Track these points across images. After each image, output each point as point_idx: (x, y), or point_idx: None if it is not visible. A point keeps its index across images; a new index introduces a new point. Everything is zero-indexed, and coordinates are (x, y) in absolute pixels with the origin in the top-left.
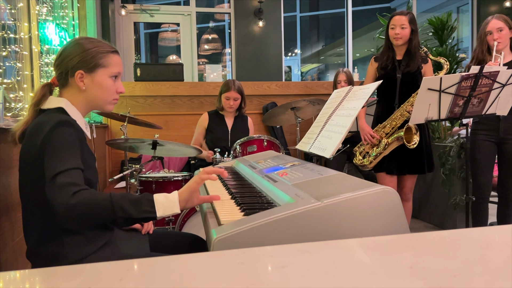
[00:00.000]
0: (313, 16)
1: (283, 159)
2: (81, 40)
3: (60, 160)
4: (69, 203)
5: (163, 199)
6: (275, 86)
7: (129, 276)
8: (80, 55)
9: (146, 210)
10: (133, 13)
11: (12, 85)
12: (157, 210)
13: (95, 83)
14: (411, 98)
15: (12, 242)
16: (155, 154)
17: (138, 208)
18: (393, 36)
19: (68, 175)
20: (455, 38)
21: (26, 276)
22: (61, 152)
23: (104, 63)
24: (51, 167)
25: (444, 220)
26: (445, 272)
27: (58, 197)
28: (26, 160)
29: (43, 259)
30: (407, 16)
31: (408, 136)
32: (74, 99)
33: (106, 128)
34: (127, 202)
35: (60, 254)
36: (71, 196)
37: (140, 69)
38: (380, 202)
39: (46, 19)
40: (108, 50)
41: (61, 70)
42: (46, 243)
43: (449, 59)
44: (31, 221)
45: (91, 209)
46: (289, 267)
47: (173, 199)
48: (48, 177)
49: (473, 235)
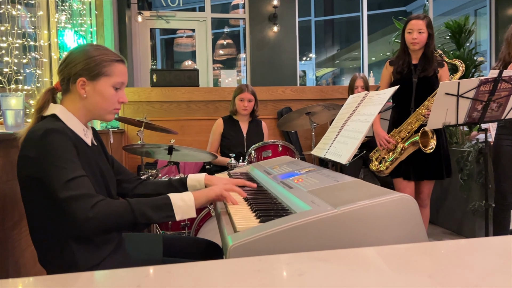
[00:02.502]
0: (328, 20)
1: (299, 165)
2: (87, 46)
3: (63, 171)
4: (89, 217)
5: (181, 203)
6: (289, 90)
7: (147, 283)
8: (83, 62)
9: (167, 215)
10: (149, 20)
11: (32, 91)
12: (176, 214)
13: (96, 91)
14: (426, 101)
15: (30, 247)
16: (171, 159)
17: (159, 213)
18: (410, 41)
19: (77, 186)
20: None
21: (43, 283)
22: (60, 162)
23: (108, 72)
24: (57, 180)
25: (462, 226)
26: (465, 282)
27: (76, 212)
28: (24, 172)
29: (55, 267)
30: (424, 21)
31: (425, 140)
32: (74, 106)
33: (123, 133)
34: (148, 208)
35: (71, 262)
36: (90, 210)
37: (157, 75)
38: (397, 210)
39: (65, 26)
40: (113, 59)
41: (64, 75)
42: (55, 252)
43: (467, 62)
44: (38, 231)
45: (113, 219)
46: (305, 275)
47: (190, 204)
48: (57, 191)
49: (494, 243)
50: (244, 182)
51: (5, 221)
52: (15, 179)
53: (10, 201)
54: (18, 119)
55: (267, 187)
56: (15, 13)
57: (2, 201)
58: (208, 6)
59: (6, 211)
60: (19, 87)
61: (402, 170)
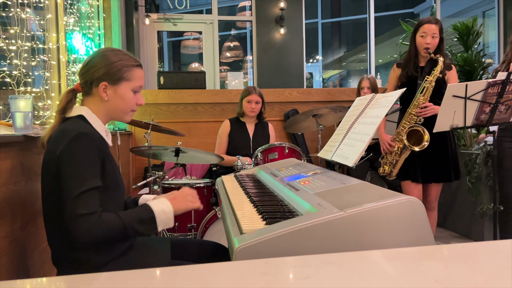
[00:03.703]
0: (335, 22)
1: (305, 167)
2: (107, 52)
3: (78, 181)
4: (83, 240)
5: (163, 216)
6: (296, 93)
7: (153, 285)
8: (105, 67)
9: (151, 228)
10: (157, 22)
11: (40, 94)
12: (158, 226)
13: (117, 95)
14: (414, 101)
15: (38, 248)
16: (178, 161)
17: (144, 225)
18: (423, 45)
19: (84, 202)
20: (481, 43)
21: (51, 283)
22: (78, 170)
23: (128, 77)
24: (68, 192)
25: (470, 229)
26: (472, 286)
27: (76, 230)
28: (48, 169)
29: (68, 264)
30: (438, 25)
31: (417, 138)
32: (95, 108)
33: (130, 135)
34: (135, 222)
35: (84, 259)
36: (85, 233)
37: (164, 77)
38: (404, 213)
39: (73, 29)
40: (133, 64)
41: (85, 79)
42: (69, 249)
43: (475, 65)
44: (55, 228)
45: (105, 236)
46: (312, 278)
47: (170, 216)
48: (65, 203)
49: (501, 247)
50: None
51: (14, 222)
52: (24, 181)
53: (19, 203)
54: (27, 121)
55: (274, 189)
56: (24, 16)
57: (11, 203)
58: (215, 8)
59: (15, 213)
60: (28, 90)
61: (410, 172)
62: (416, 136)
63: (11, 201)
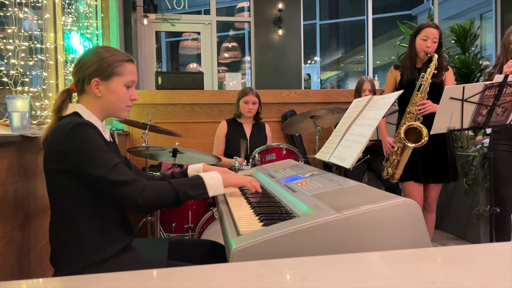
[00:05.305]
0: (333, 23)
1: (302, 169)
2: (98, 49)
3: (104, 159)
4: (140, 201)
5: (212, 182)
6: (294, 94)
7: (150, 286)
8: (96, 63)
9: (202, 192)
10: (155, 23)
11: (38, 93)
12: (208, 191)
13: (110, 90)
14: (412, 99)
15: (35, 248)
16: (175, 161)
17: (196, 190)
18: (423, 48)
19: (125, 171)
20: (478, 45)
21: (48, 284)
22: (97, 152)
23: (119, 72)
24: (101, 166)
25: (466, 231)
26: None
27: (129, 195)
28: (51, 168)
29: (65, 260)
30: (439, 31)
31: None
32: (90, 105)
33: (128, 135)
34: (186, 187)
35: (81, 255)
36: (140, 194)
37: (161, 77)
38: (401, 214)
39: (71, 29)
40: (123, 59)
41: (78, 77)
42: (68, 245)
43: (472, 67)
44: (59, 224)
45: (159, 200)
46: (308, 280)
47: (219, 182)
48: (105, 175)
49: (497, 250)
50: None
51: (11, 222)
52: (21, 181)
53: (15, 203)
54: (24, 121)
55: (271, 190)
56: (22, 16)
57: (8, 203)
58: (213, 9)
59: (12, 213)
60: (25, 89)
61: (412, 173)
62: (415, 133)
63: (7, 201)
